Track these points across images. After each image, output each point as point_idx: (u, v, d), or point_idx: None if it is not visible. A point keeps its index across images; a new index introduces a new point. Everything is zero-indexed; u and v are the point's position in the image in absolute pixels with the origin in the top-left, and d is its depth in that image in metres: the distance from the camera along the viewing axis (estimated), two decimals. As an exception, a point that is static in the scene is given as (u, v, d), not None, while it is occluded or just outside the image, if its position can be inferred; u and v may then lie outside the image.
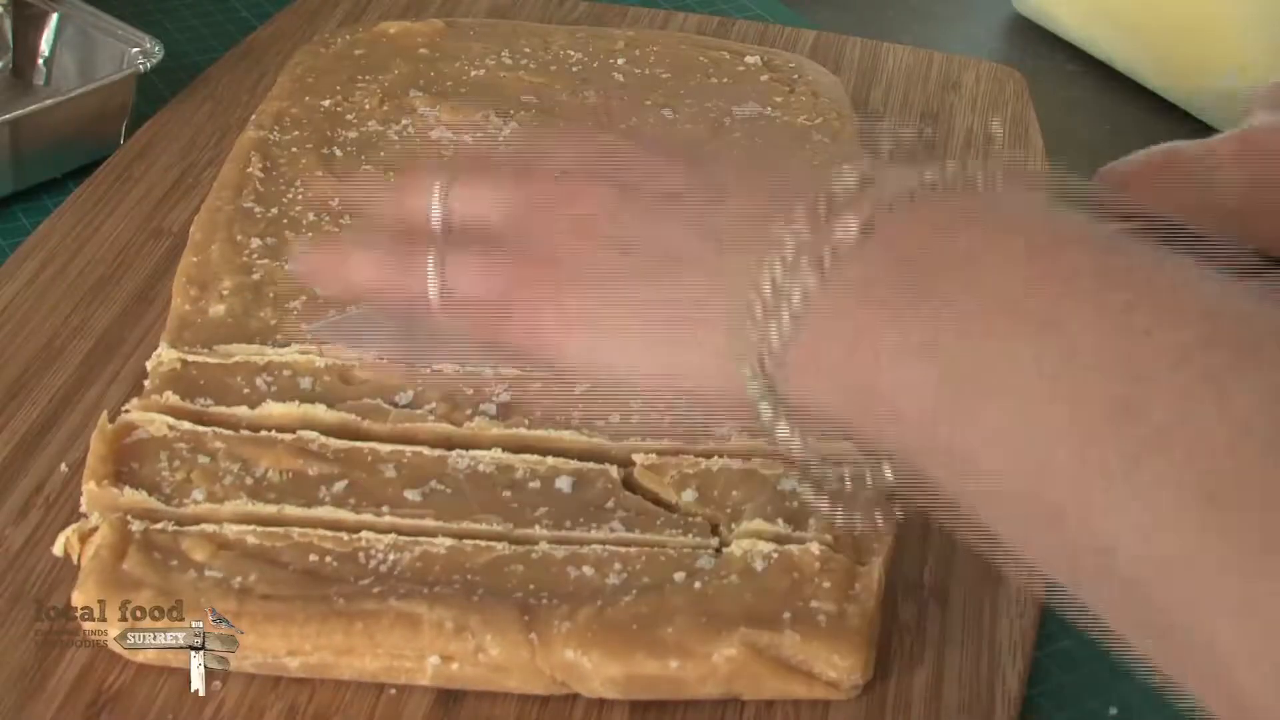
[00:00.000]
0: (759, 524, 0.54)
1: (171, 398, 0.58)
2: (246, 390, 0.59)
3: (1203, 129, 0.85)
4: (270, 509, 0.54)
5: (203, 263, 0.65)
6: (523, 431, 0.57)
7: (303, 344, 0.61)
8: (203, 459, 0.56)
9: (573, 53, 0.80)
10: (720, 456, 0.57)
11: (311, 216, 0.67)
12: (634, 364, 0.45)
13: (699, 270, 0.44)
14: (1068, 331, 0.36)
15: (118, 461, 0.55)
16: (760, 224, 0.42)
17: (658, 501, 0.56)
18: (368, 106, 0.75)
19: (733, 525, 0.54)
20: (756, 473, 0.56)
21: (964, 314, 0.38)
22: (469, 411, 0.58)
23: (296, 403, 0.58)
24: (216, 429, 0.57)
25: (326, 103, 0.75)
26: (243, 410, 0.58)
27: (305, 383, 0.59)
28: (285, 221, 0.67)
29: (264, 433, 0.57)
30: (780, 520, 0.54)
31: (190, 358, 0.60)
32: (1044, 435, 0.36)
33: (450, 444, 0.57)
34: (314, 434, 0.57)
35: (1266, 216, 0.52)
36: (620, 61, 0.80)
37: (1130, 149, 0.87)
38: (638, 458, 0.57)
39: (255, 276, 0.64)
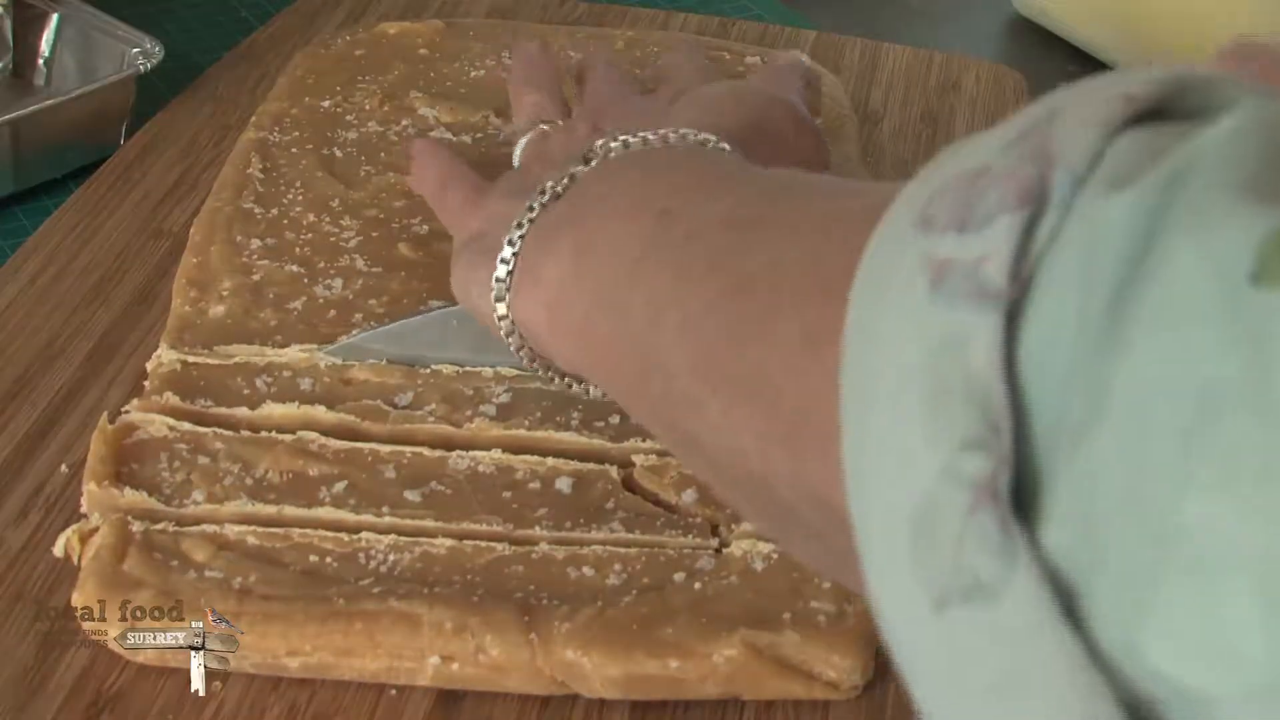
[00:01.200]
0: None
1: (171, 399, 0.58)
2: (246, 391, 0.59)
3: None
4: (270, 510, 0.54)
5: (203, 264, 0.65)
6: (522, 433, 0.57)
7: (303, 345, 0.61)
8: (203, 460, 0.56)
9: (572, 53, 0.80)
10: None
11: (312, 217, 0.67)
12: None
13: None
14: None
15: (118, 462, 0.55)
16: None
17: (657, 502, 0.56)
18: (368, 107, 0.75)
19: (733, 525, 0.54)
20: (756, 474, 0.56)
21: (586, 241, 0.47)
22: (469, 412, 0.58)
23: (296, 404, 0.58)
24: (216, 430, 0.57)
25: (326, 103, 0.75)
26: (243, 411, 0.58)
27: (305, 384, 0.59)
28: (285, 222, 0.67)
29: (264, 434, 0.57)
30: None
31: (190, 358, 0.60)
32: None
33: (450, 445, 0.58)
34: (314, 435, 0.57)
35: None
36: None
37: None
38: (638, 459, 0.57)
39: (255, 277, 0.64)
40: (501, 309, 0.51)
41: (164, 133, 0.77)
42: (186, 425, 0.57)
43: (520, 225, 0.50)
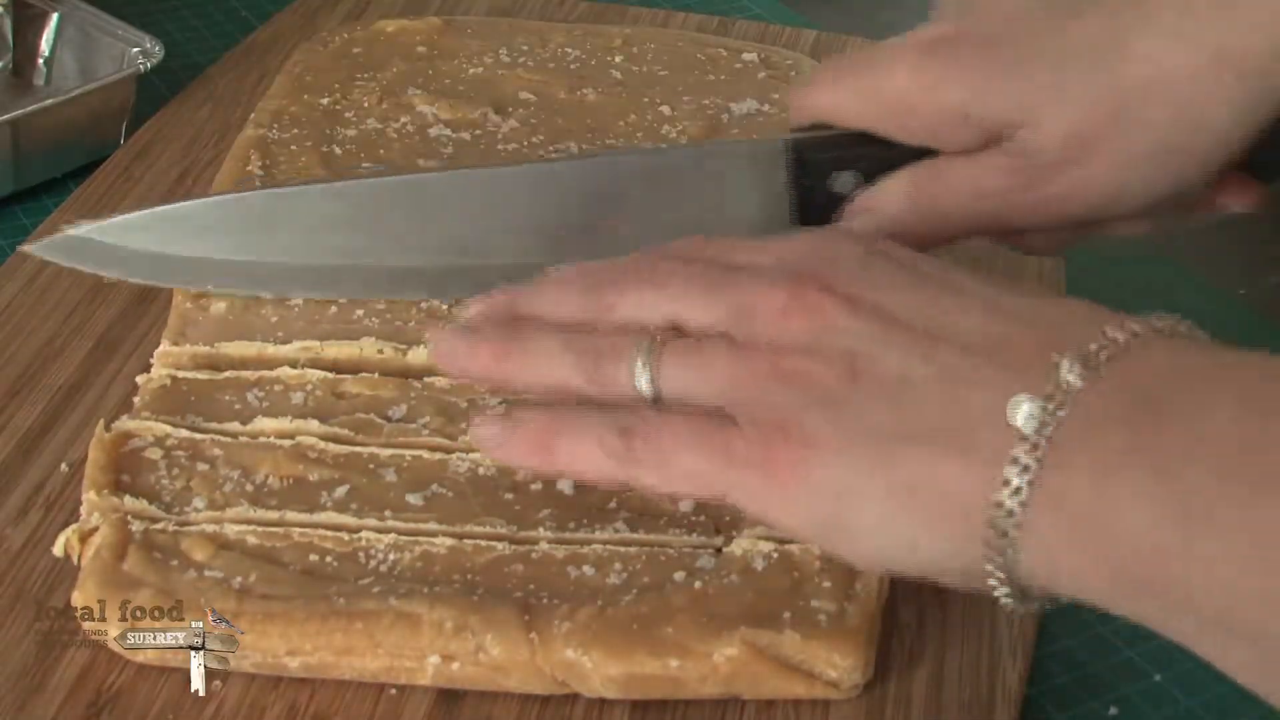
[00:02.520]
0: (762, 529, 0.54)
1: (160, 425, 0.57)
2: (238, 406, 0.58)
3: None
4: (272, 515, 0.54)
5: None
6: None
7: (304, 341, 0.61)
8: (202, 466, 0.56)
9: (570, 50, 0.80)
10: None
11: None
12: (867, 541, 0.45)
13: (929, 415, 0.44)
14: None
15: (117, 470, 0.55)
16: (989, 367, 0.44)
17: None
18: (366, 104, 0.75)
19: (734, 532, 0.54)
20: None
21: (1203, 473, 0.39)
22: (463, 425, 0.58)
23: (289, 418, 0.58)
24: (215, 435, 0.57)
25: (325, 101, 0.75)
26: (234, 426, 0.58)
27: (297, 397, 0.59)
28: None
29: (262, 439, 0.57)
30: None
31: (180, 374, 0.60)
32: None
33: (449, 447, 0.57)
34: (313, 439, 0.57)
35: (918, 98, 0.55)
36: (618, 59, 0.80)
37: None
38: None
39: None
40: (1012, 531, 0.42)
41: (164, 132, 0.77)
42: (184, 431, 0.57)
43: (1026, 439, 0.41)
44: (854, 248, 0.49)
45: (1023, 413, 0.42)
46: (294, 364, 0.60)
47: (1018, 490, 0.41)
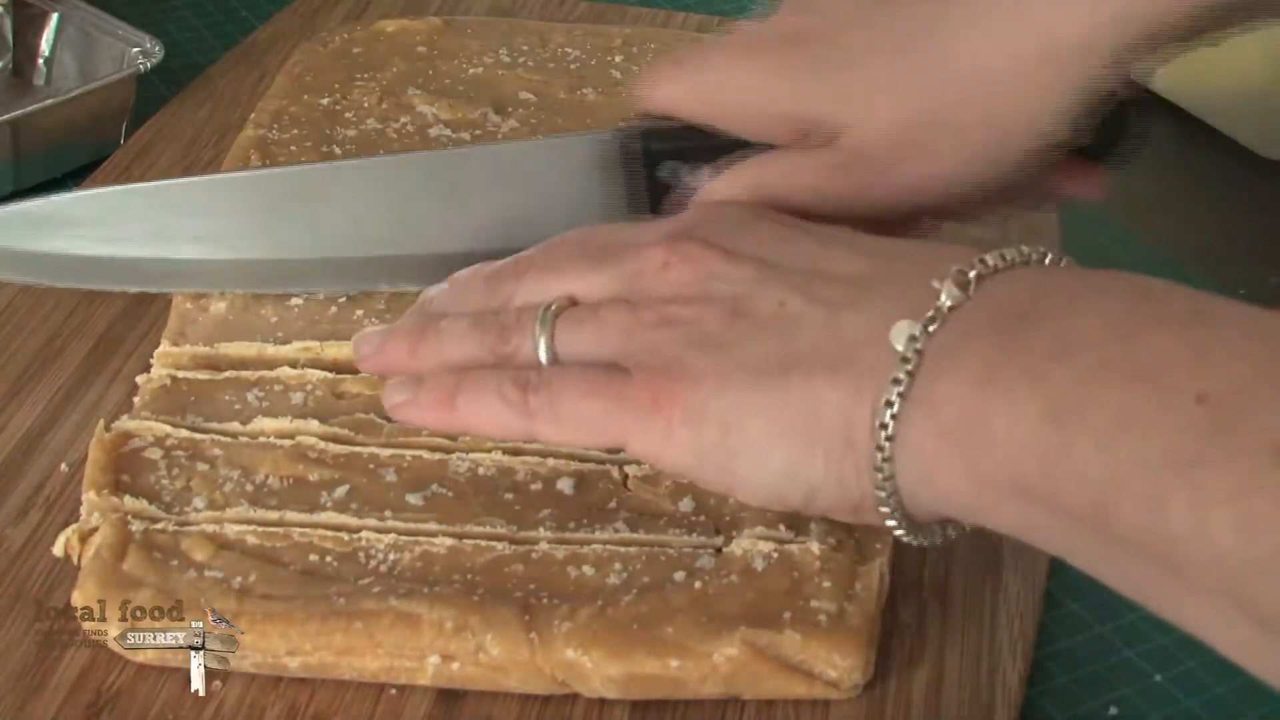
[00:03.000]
0: (761, 530, 0.54)
1: (160, 425, 0.57)
2: (238, 406, 0.58)
3: (1202, 128, 0.85)
4: (272, 515, 0.54)
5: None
6: (518, 444, 0.57)
7: (304, 341, 0.61)
8: (201, 466, 0.56)
9: (570, 50, 0.80)
10: None
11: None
12: (751, 470, 0.46)
13: (809, 342, 0.46)
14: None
15: (116, 470, 0.55)
16: (866, 294, 0.46)
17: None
18: (366, 104, 0.75)
19: (732, 534, 0.54)
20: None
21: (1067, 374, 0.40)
22: None
23: (289, 418, 0.58)
24: (215, 435, 0.57)
25: (325, 101, 0.75)
26: (234, 426, 0.58)
27: (297, 398, 0.59)
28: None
29: (262, 439, 0.57)
30: (781, 526, 0.54)
31: (180, 374, 0.60)
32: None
33: (449, 448, 0.57)
34: (313, 439, 0.57)
35: (744, 96, 0.56)
36: (618, 59, 0.80)
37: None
38: (631, 469, 0.57)
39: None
40: (886, 444, 0.43)
41: (164, 132, 0.77)
42: (184, 432, 0.57)
43: (906, 359, 0.43)
44: (738, 211, 0.52)
45: (900, 334, 0.43)
46: (294, 364, 0.60)
47: (891, 406, 0.43)
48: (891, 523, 0.45)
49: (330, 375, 0.60)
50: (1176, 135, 0.86)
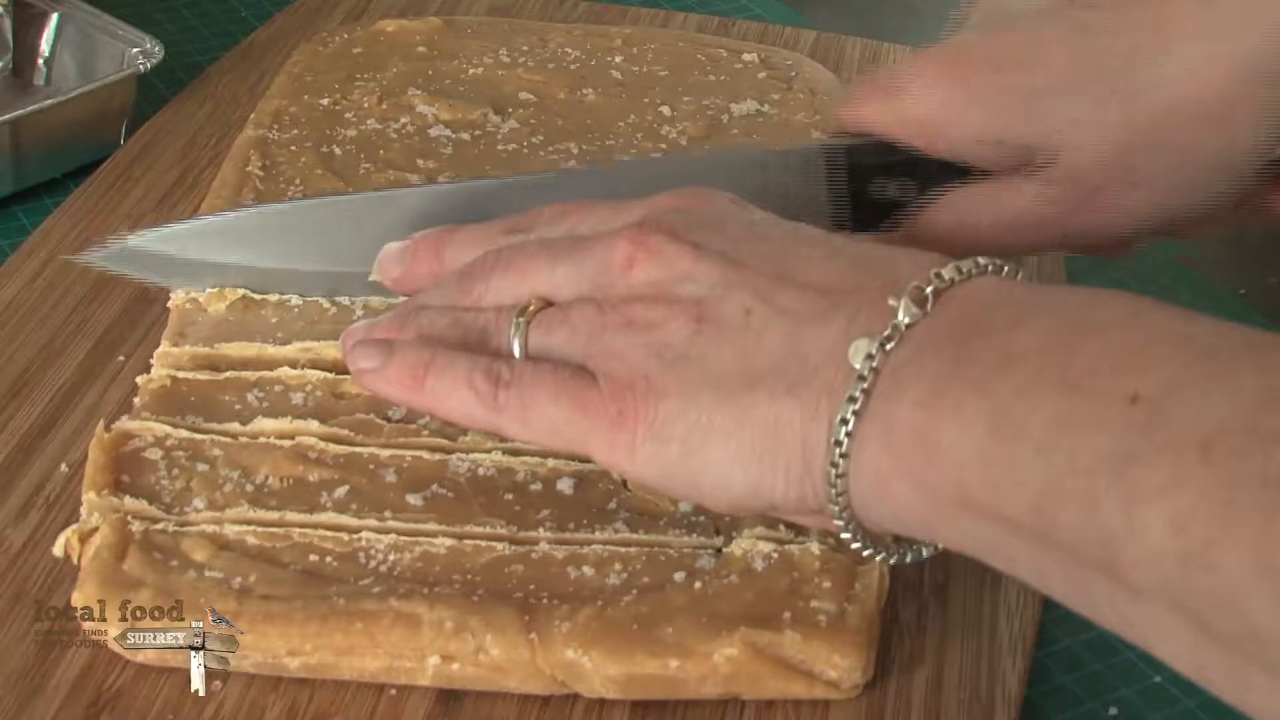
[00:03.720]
0: (761, 530, 0.54)
1: (160, 425, 0.57)
2: (238, 406, 0.58)
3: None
4: (272, 516, 0.54)
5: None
6: (519, 445, 0.57)
7: (304, 341, 0.61)
8: (201, 466, 0.56)
9: (570, 50, 0.80)
10: None
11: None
12: (714, 486, 0.47)
13: (770, 353, 0.46)
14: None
15: (116, 470, 0.55)
16: (828, 308, 0.46)
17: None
18: (366, 105, 0.75)
19: (733, 534, 0.54)
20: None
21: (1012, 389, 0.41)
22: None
23: (289, 419, 0.58)
24: (215, 436, 0.57)
25: (325, 101, 0.75)
26: (234, 427, 0.58)
27: (297, 398, 0.59)
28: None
29: (262, 439, 0.57)
30: (781, 526, 0.54)
31: (180, 374, 0.60)
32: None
33: (449, 448, 0.57)
34: (313, 439, 0.57)
35: (949, 121, 0.56)
36: (618, 59, 0.80)
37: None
38: None
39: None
40: (840, 461, 0.44)
41: (164, 132, 0.77)
42: (184, 432, 0.57)
43: (863, 378, 0.44)
44: (710, 200, 0.52)
45: (858, 353, 0.44)
46: (294, 364, 0.60)
47: (846, 424, 0.44)
48: (846, 535, 0.46)
49: (330, 375, 0.60)
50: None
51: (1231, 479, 0.36)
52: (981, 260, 0.45)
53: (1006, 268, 0.46)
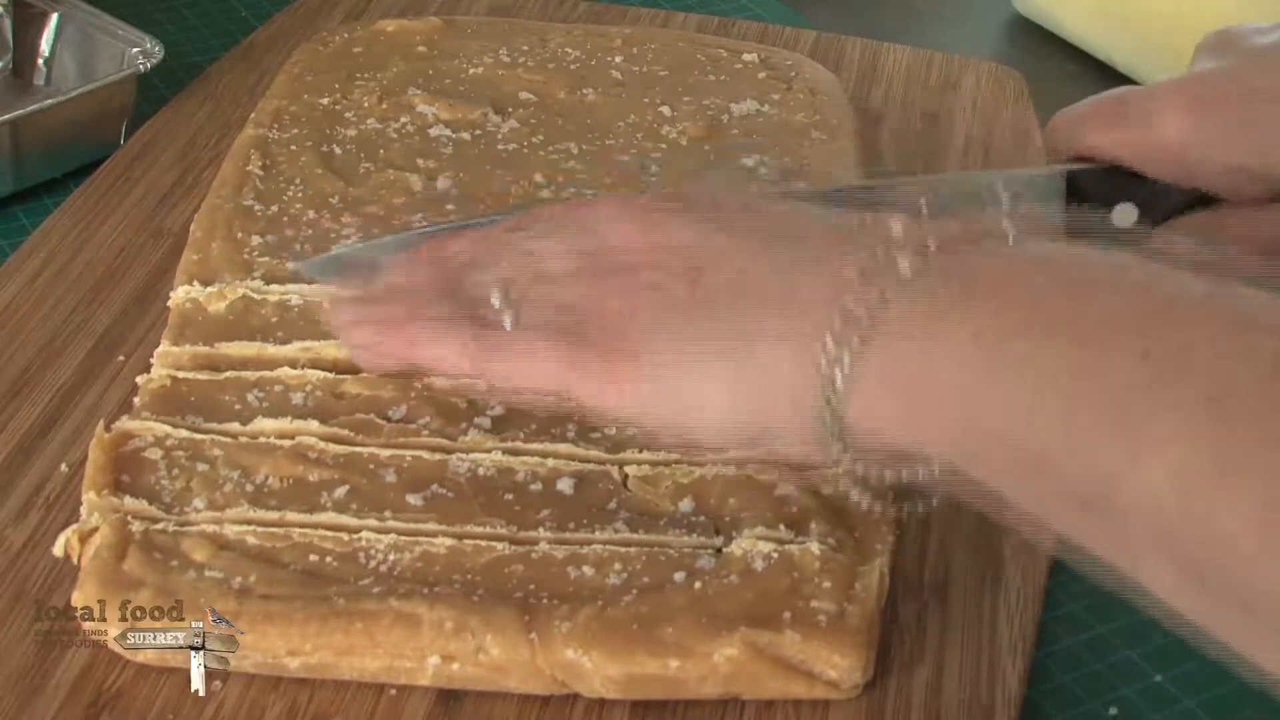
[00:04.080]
0: (762, 530, 0.54)
1: (160, 425, 0.57)
2: (238, 406, 0.58)
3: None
4: (272, 516, 0.54)
5: (203, 260, 0.65)
6: (519, 445, 0.57)
7: (304, 341, 0.61)
8: (201, 466, 0.56)
9: (570, 50, 0.80)
10: (715, 464, 0.56)
11: (312, 214, 0.67)
12: (702, 408, 0.47)
13: (765, 303, 0.46)
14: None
15: (116, 470, 0.55)
16: (822, 261, 0.46)
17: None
18: (366, 104, 0.75)
19: (733, 533, 0.54)
20: (752, 479, 0.56)
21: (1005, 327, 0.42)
22: (463, 425, 0.58)
23: (289, 418, 0.58)
24: (215, 436, 0.57)
25: (325, 100, 0.75)
26: (234, 427, 0.58)
27: (297, 398, 0.59)
28: (285, 219, 0.67)
29: (262, 439, 0.57)
30: (782, 526, 0.54)
31: (180, 374, 0.60)
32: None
33: (449, 448, 0.57)
34: (313, 439, 0.57)
35: (1202, 151, 0.56)
36: (618, 59, 0.80)
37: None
38: (630, 470, 0.57)
39: (256, 274, 0.64)
40: (837, 391, 0.44)
41: (164, 132, 0.77)
42: (184, 432, 0.57)
43: (858, 319, 0.44)
44: (703, 190, 0.53)
45: (850, 295, 0.44)
46: (294, 364, 0.60)
47: (843, 364, 0.44)
48: (845, 478, 0.47)
49: (330, 376, 0.60)
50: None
51: (1237, 436, 0.37)
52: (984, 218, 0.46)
53: (1006, 223, 0.46)
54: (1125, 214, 0.57)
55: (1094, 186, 0.58)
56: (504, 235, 0.54)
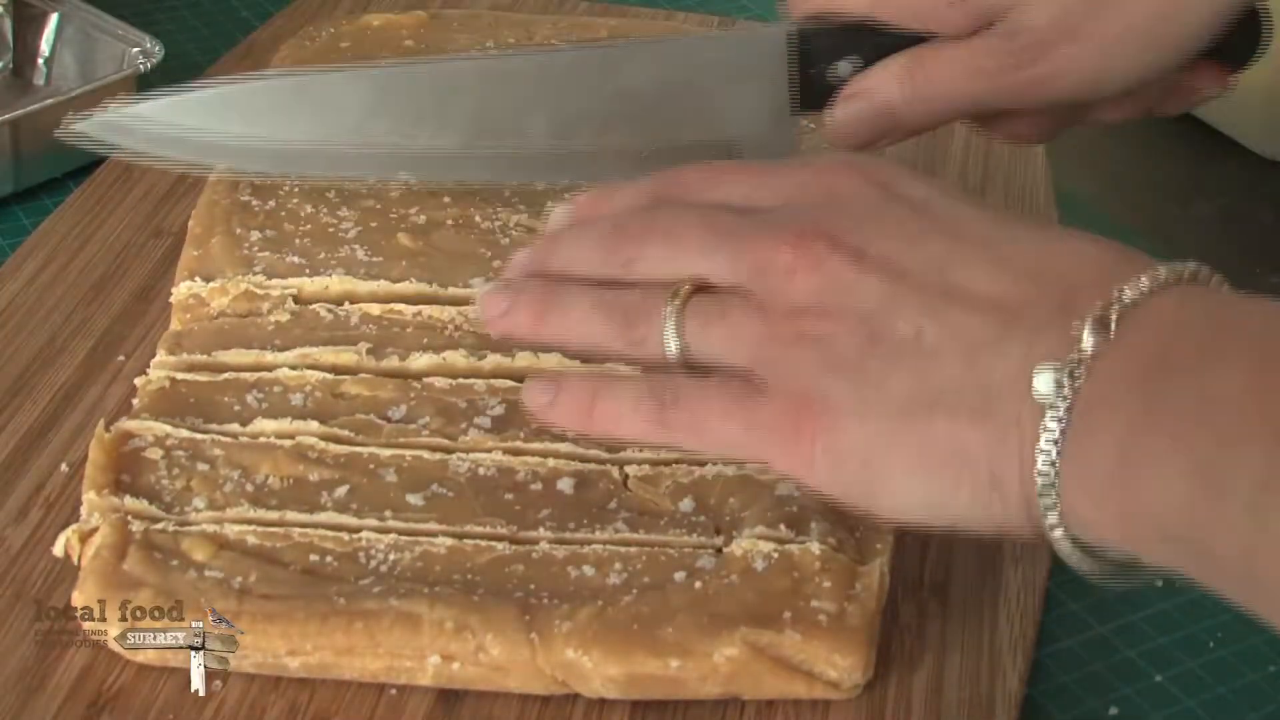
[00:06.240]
0: (762, 530, 0.54)
1: (160, 425, 0.57)
2: (237, 408, 0.58)
3: (1203, 128, 0.85)
4: (272, 515, 0.54)
5: (204, 256, 0.65)
6: (519, 445, 0.57)
7: (301, 349, 0.61)
8: (202, 466, 0.56)
9: (556, 42, 0.80)
10: (715, 464, 0.56)
11: (309, 209, 0.67)
12: (895, 502, 0.46)
13: (959, 412, 0.44)
14: None
15: (117, 470, 0.55)
16: (1007, 332, 0.44)
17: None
18: (359, 100, 0.74)
19: (734, 533, 0.54)
20: (752, 478, 0.56)
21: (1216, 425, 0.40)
22: (463, 425, 0.58)
23: (289, 419, 0.58)
24: (215, 436, 0.57)
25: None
26: (234, 428, 0.58)
27: (296, 399, 0.59)
28: (283, 214, 0.67)
29: (262, 439, 0.57)
30: (782, 526, 0.54)
31: (179, 375, 0.60)
32: None
33: (449, 448, 0.57)
34: (313, 439, 0.57)
35: None
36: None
37: (1129, 150, 0.87)
38: (630, 469, 0.57)
39: (257, 269, 0.64)
40: (1046, 491, 0.43)
41: (164, 132, 0.77)
42: (184, 432, 0.57)
43: (1055, 411, 0.42)
44: (864, 188, 0.50)
45: (1044, 382, 0.42)
46: (293, 367, 0.60)
47: (1048, 454, 0.42)
48: (1060, 547, 0.44)
49: (329, 376, 0.60)
50: (1177, 135, 0.86)
51: None
52: (1163, 271, 0.43)
53: (1188, 271, 0.43)
54: (844, 70, 0.60)
55: (828, 43, 0.60)
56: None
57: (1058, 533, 0.43)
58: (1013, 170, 0.76)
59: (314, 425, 0.57)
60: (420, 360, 0.60)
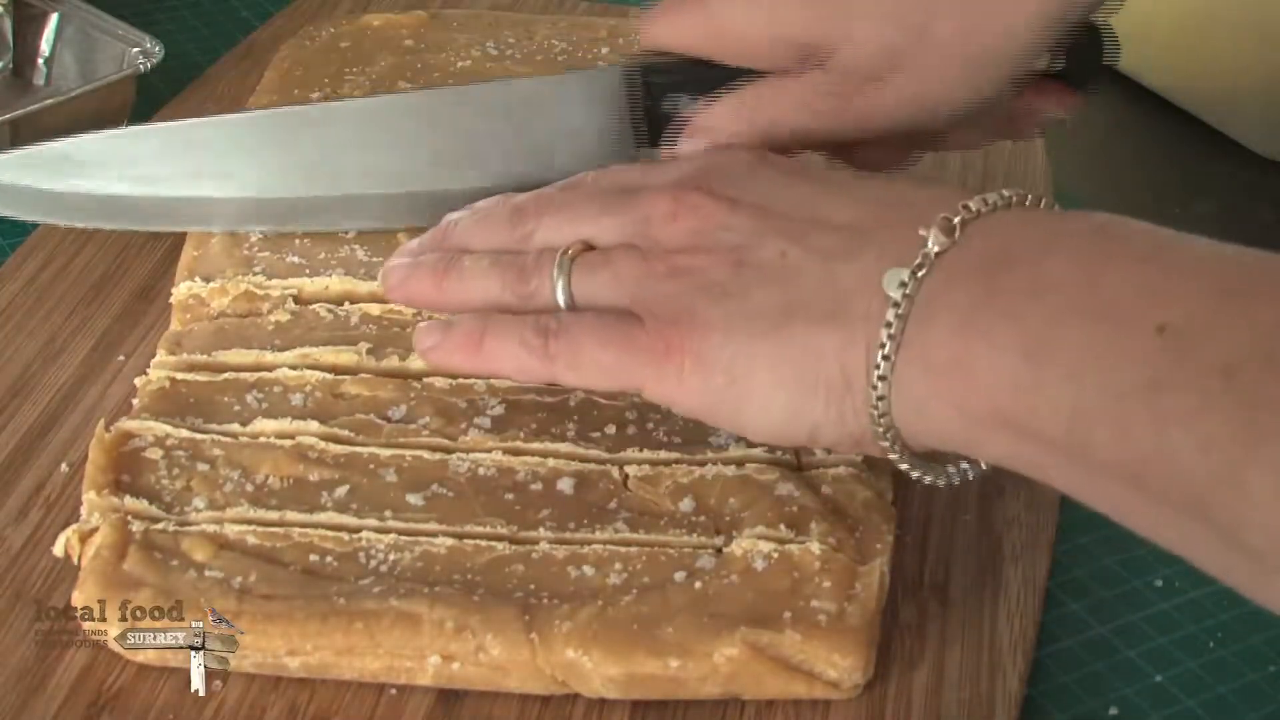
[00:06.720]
0: (762, 530, 0.54)
1: (160, 425, 0.57)
2: (237, 408, 0.58)
3: (1202, 128, 0.85)
4: (272, 515, 0.54)
5: (204, 255, 0.65)
6: (519, 444, 0.57)
7: (301, 349, 0.61)
8: (202, 466, 0.56)
9: (557, 42, 0.80)
10: (715, 464, 0.57)
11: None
12: (758, 412, 0.50)
13: (814, 318, 0.48)
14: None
15: (117, 470, 0.55)
16: (862, 245, 0.49)
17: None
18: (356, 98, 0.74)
19: (734, 533, 0.54)
20: (752, 479, 0.56)
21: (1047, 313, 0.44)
22: (463, 425, 0.58)
23: (289, 419, 0.58)
24: (215, 436, 0.57)
25: (315, 95, 0.74)
26: (234, 428, 0.58)
27: (296, 399, 0.59)
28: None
29: (263, 439, 0.57)
30: (782, 526, 0.54)
31: (179, 375, 0.60)
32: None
33: (449, 448, 0.57)
34: (313, 439, 0.57)
35: (753, 32, 0.59)
36: (604, 50, 0.79)
37: (1130, 148, 0.87)
38: (630, 470, 0.57)
39: (257, 269, 0.64)
40: (880, 384, 0.47)
41: (163, 132, 0.77)
42: (184, 432, 0.57)
43: (897, 305, 0.46)
44: (741, 156, 0.56)
45: (891, 281, 0.46)
46: (293, 367, 0.60)
47: (884, 348, 0.46)
48: (893, 456, 0.49)
49: (329, 376, 0.60)
50: (1177, 135, 0.86)
51: (1253, 403, 0.38)
52: (1005, 192, 0.48)
53: (1029, 198, 0.48)
54: (680, 103, 0.60)
55: (668, 79, 0.61)
56: (563, 199, 0.56)
57: (885, 421, 0.47)
58: (1013, 170, 0.76)
59: (314, 425, 0.57)
60: (420, 360, 0.60)
